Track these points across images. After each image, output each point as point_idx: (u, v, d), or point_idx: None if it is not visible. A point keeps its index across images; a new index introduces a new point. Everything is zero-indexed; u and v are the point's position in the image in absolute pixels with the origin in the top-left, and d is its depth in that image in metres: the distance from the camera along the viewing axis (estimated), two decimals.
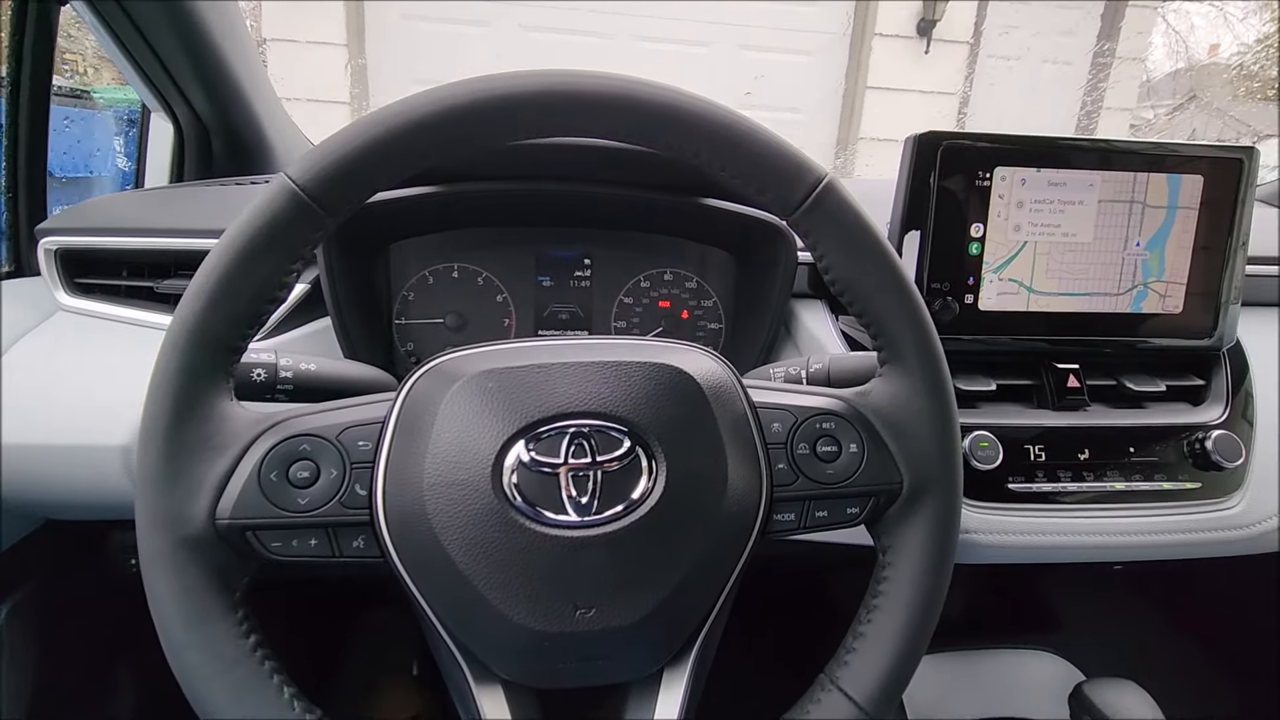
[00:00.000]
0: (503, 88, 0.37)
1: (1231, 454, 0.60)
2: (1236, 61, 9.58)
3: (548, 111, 0.38)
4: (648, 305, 0.77)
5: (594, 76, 0.38)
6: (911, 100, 4.47)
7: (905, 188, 0.60)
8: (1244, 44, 8.39)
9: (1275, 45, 8.59)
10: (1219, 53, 9.23)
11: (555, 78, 0.38)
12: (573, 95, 0.38)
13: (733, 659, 0.62)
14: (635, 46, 4.51)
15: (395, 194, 0.65)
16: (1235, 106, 8.84)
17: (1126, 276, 0.63)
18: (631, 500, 0.37)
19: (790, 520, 0.42)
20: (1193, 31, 7.51)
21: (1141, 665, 1.24)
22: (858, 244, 0.41)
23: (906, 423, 0.42)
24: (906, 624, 0.40)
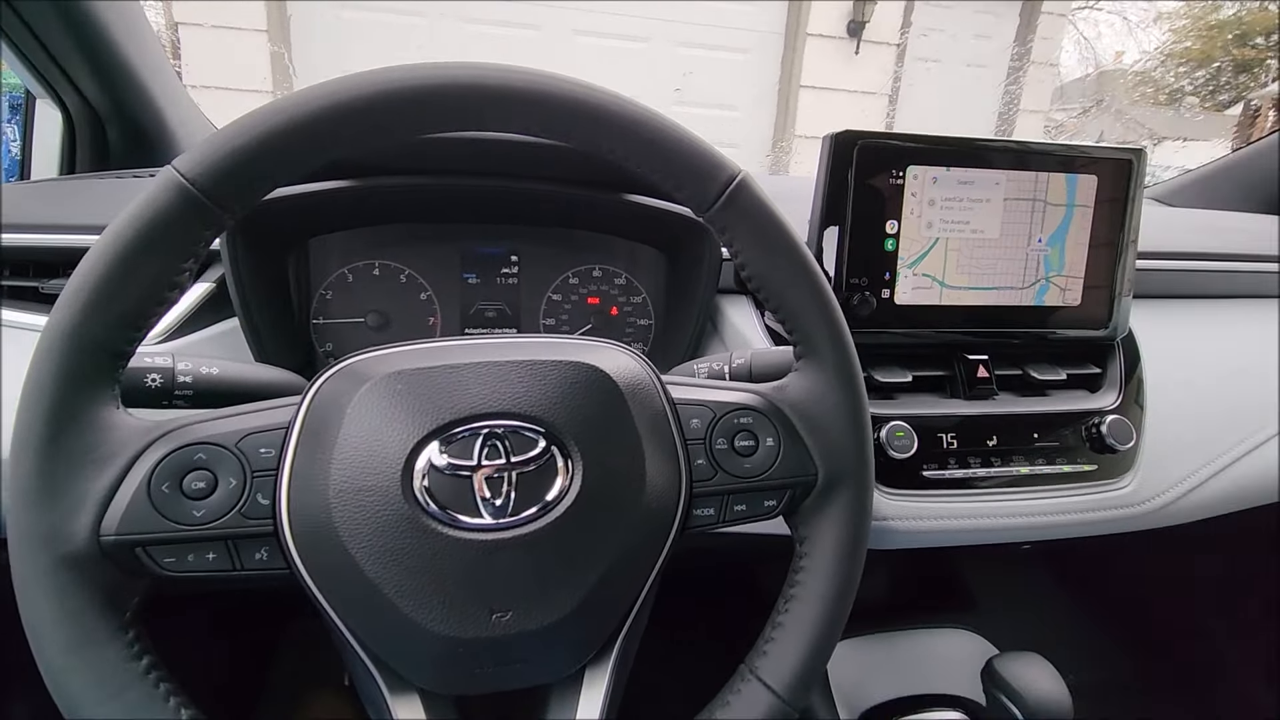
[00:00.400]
0: (412, 79, 0.36)
1: (1124, 437, 0.64)
2: (1138, 68, 10.27)
3: (458, 105, 0.37)
4: (576, 302, 0.76)
5: (507, 70, 0.38)
6: (843, 99, 4.59)
7: (824, 185, 0.62)
8: (1145, 51, 8.94)
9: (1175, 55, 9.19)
10: (1123, 59, 9.83)
11: (466, 70, 0.37)
12: (484, 89, 0.37)
13: (659, 652, 0.63)
14: (572, 41, 4.48)
15: (307, 188, 0.62)
16: (1137, 110, 9.52)
17: (1030, 271, 0.67)
18: (547, 501, 0.37)
19: (710, 515, 0.42)
20: (1100, 38, 7.96)
21: (1049, 637, 1.32)
22: (770, 240, 0.42)
23: (821, 416, 0.43)
24: (822, 613, 0.42)
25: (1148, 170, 0.68)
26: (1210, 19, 11.01)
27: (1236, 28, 10.90)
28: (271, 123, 0.34)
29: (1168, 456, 0.67)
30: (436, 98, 0.36)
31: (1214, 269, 0.81)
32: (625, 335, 0.77)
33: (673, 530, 0.41)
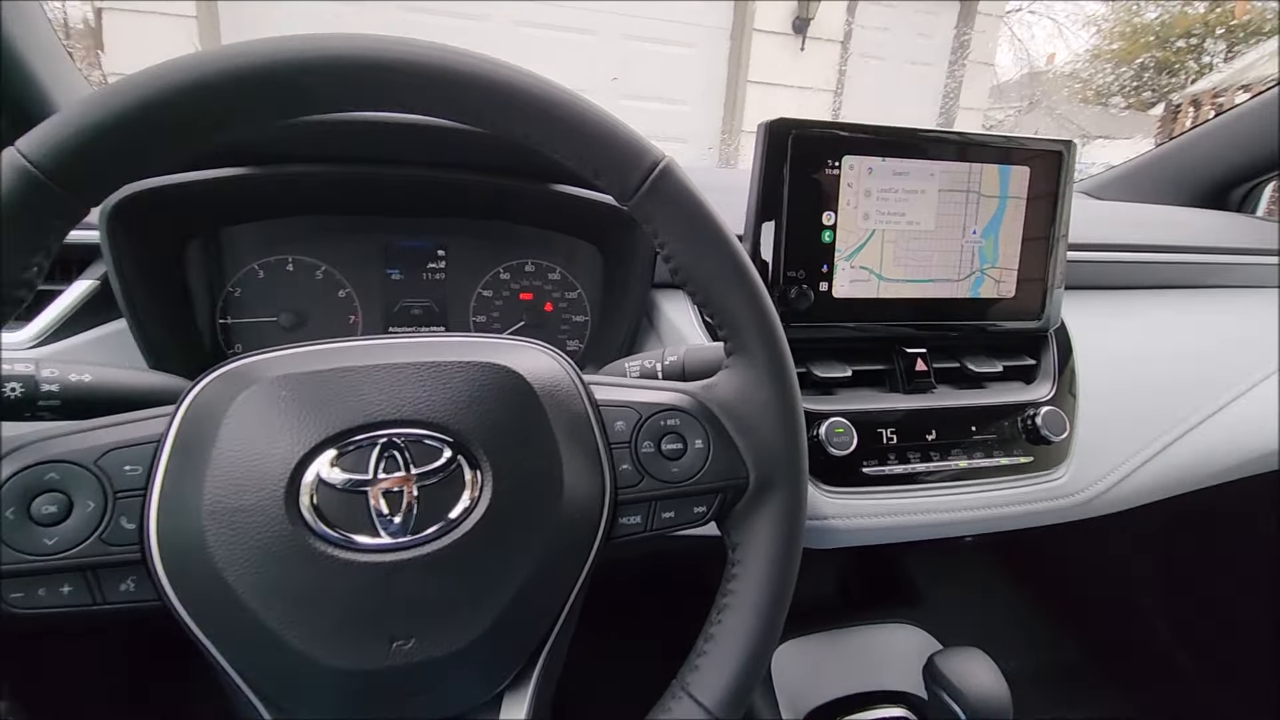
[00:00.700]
0: (300, 50, 0.32)
1: (1058, 428, 0.64)
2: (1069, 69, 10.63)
3: (351, 80, 0.33)
4: (508, 298, 0.73)
5: (408, 44, 0.34)
6: (789, 95, 4.64)
7: (759, 175, 0.60)
8: (1075, 52, 9.29)
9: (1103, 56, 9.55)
10: (1055, 60, 10.20)
11: (364, 42, 0.33)
12: (383, 64, 0.33)
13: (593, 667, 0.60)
14: (516, 32, 4.39)
15: (202, 175, 0.57)
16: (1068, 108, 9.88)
17: (965, 263, 0.66)
18: (453, 516, 0.33)
19: (636, 523, 0.40)
20: (1033, 39, 8.24)
21: (993, 626, 1.35)
22: (696, 230, 0.39)
23: (751, 416, 0.41)
24: (755, 623, 0.39)
25: (1077, 165, 0.68)
26: (1134, 22, 11.56)
27: (1158, 30, 11.47)
28: (132, 97, 0.30)
29: (1099, 447, 0.68)
30: (331, 71, 0.32)
31: (1140, 260, 0.83)
32: (561, 332, 0.74)
33: (596, 541, 0.38)
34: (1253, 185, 1.07)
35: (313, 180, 0.62)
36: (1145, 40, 11.44)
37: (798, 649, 0.74)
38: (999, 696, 0.57)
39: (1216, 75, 8.89)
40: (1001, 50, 8.32)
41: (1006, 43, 10.39)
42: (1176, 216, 1.00)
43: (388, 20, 3.96)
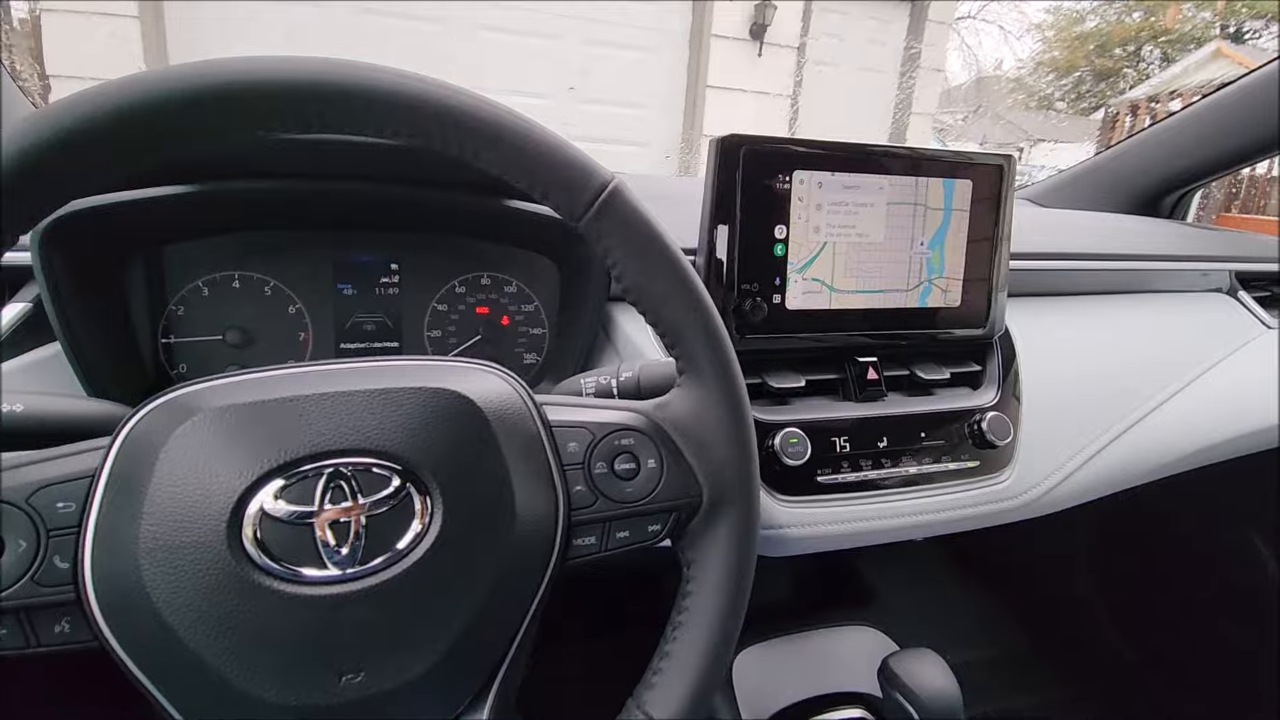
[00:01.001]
0: (245, 74, 0.31)
1: (1002, 433, 0.67)
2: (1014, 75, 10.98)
3: (295, 102, 0.33)
4: (464, 312, 0.72)
5: (356, 67, 0.34)
6: (748, 100, 4.69)
7: (712, 190, 0.61)
8: (1020, 60, 9.68)
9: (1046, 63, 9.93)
10: (1002, 67, 10.48)
11: (312, 65, 0.33)
12: (331, 88, 0.33)
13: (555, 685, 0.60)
14: (476, 36, 4.35)
15: (140, 194, 0.55)
16: (1013, 114, 10.22)
17: (914, 274, 0.68)
18: (402, 545, 0.33)
19: (591, 544, 0.40)
20: (981, 46, 8.58)
21: (946, 624, 1.39)
22: (646, 251, 0.40)
23: (703, 434, 0.41)
24: (709, 640, 0.40)
25: (1023, 170, 0.71)
26: (1075, 30, 12.05)
27: (1098, 39, 11.97)
28: (44, 127, 0.29)
29: (1042, 449, 0.71)
30: (285, 95, 0.32)
31: (1079, 268, 0.86)
32: (518, 345, 0.74)
33: (551, 563, 0.38)
34: (1182, 193, 1.12)
35: (259, 196, 0.61)
36: (1086, 49, 11.93)
37: (758, 654, 0.75)
38: (950, 695, 0.58)
39: (1152, 82, 9.33)
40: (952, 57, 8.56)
41: (956, 50, 10.73)
42: (1112, 223, 1.04)
43: (349, 23, 3.88)
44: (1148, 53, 11.06)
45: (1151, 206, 1.14)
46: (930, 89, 5.27)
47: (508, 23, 4.40)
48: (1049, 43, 12.17)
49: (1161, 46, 10.76)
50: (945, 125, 9.41)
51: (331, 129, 0.35)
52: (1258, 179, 5.30)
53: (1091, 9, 11.97)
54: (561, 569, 0.39)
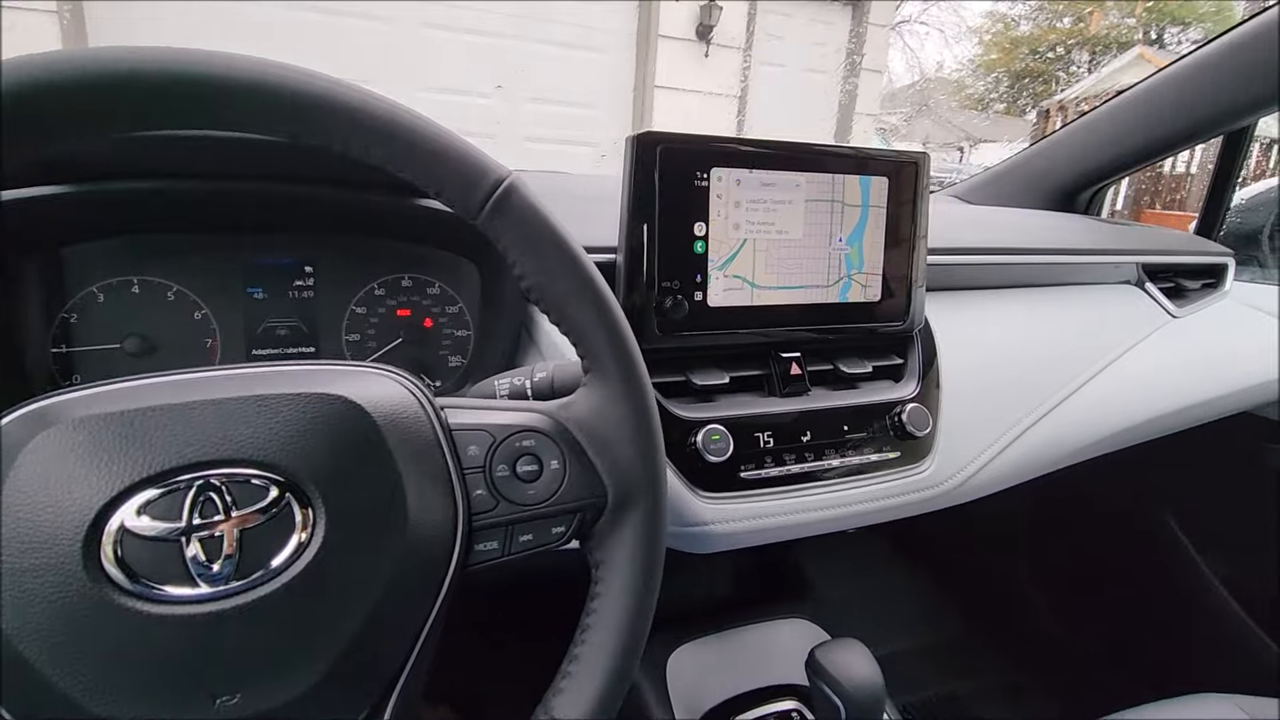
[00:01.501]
0: (126, 62, 0.30)
1: (922, 423, 0.68)
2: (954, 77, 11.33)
3: (161, 98, 0.31)
4: (384, 315, 0.70)
5: (234, 59, 0.32)
6: (695, 100, 4.73)
7: (630, 189, 0.60)
8: (961, 63, 10.03)
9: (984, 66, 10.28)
10: (943, 69, 10.87)
11: (189, 58, 0.31)
12: (206, 81, 0.31)
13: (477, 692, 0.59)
14: (421, 34, 4.27)
15: (30, 192, 0.52)
16: (955, 115, 10.53)
17: (833, 270, 0.69)
18: (281, 559, 0.32)
19: (493, 549, 0.39)
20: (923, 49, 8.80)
21: (884, 612, 1.43)
22: (545, 249, 0.39)
23: (607, 432, 0.41)
24: (618, 642, 0.40)
25: (963, 169, 0.73)
26: (1010, 34, 12.52)
27: (1031, 43, 12.46)
28: None
29: (961, 438, 0.72)
30: (153, 90, 0.30)
31: (998, 262, 0.89)
32: (442, 348, 0.72)
33: (450, 570, 0.37)
34: (1096, 189, 1.17)
35: (153, 197, 0.58)
36: (1020, 52, 12.42)
37: (691, 652, 0.75)
38: (873, 683, 0.59)
39: (1081, 84, 9.77)
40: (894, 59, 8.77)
41: (899, 51, 11.04)
42: (1031, 219, 1.08)
43: (287, 20, 3.75)
44: (1077, 56, 11.57)
45: (1068, 202, 1.18)
46: (872, 90, 5.40)
47: (456, 21, 4.34)
48: (986, 46, 12.62)
49: (1089, 51, 11.27)
50: (889, 126, 9.65)
51: (209, 126, 0.33)
52: (1177, 177, 5.60)
53: (1025, 14, 12.46)
54: (463, 575, 0.38)
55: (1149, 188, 5.53)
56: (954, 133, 10.09)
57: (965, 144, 9.13)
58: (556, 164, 3.36)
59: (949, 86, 12.55)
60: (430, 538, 0.36)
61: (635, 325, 0.61)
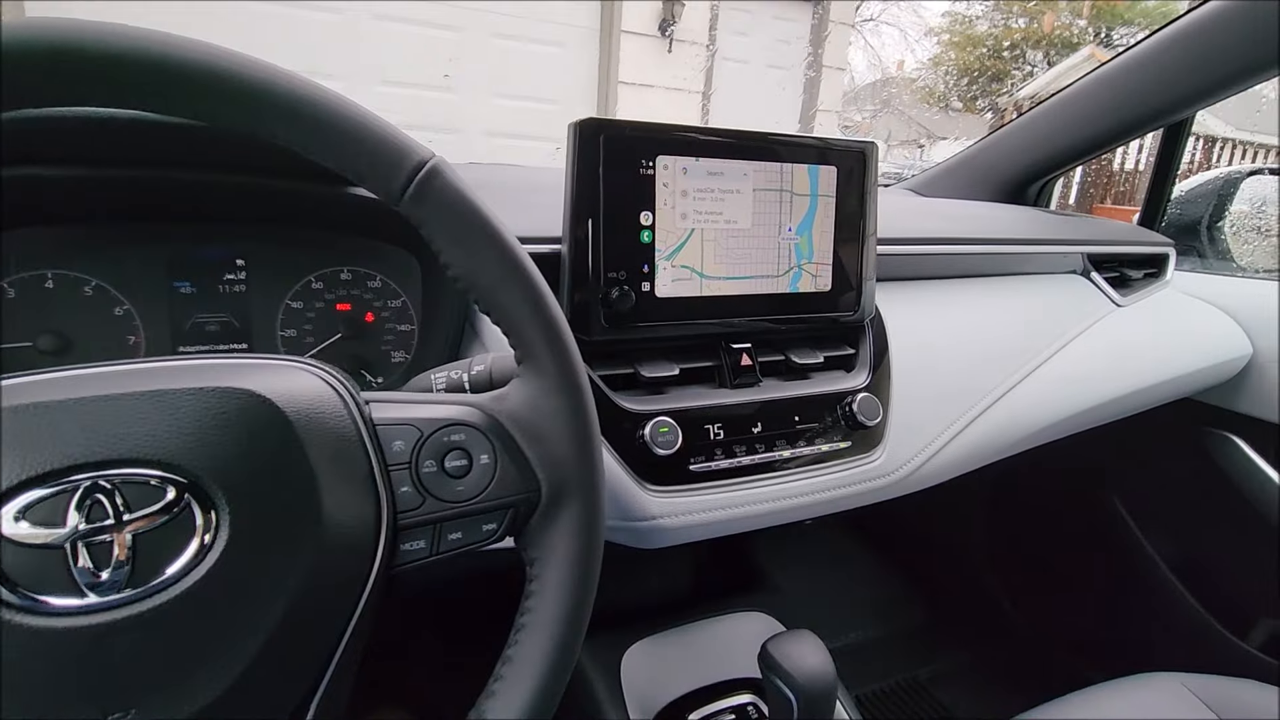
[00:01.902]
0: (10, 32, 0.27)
1: (872, 413, 0.68)
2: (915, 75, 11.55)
3: (50, 74, 0.29)
4: (322, 309, 0.67)
5: (126, 30, 0.30)
6: (659, 96, 4.72)
7: (573, 177, 0.59)
8: (921, 61, 10.21)
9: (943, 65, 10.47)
10: (904, 67, 11.09)
11: (69, 27, 0.29)
12: (96, 53, 0.29)
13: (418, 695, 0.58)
14: (374, 26, 4.18)
15: None
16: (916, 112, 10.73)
17: (783, 259, 0.68)
18: (180, 565, 0.30)
19: (421, 548, 0.38)
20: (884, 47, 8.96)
21: (844, 602, 1.44)
22: (472, 236, 0.38)
23: (541, 424, 0.40)
24: (553, 642, 0.38)
25: (920, 164, 0.73)
26: (968, 33, 12.79)
27: (988, 43, 12.74)
28: None
29: (912, 427, 0.73)
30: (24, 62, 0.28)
31: (949, 252, 0.90)
32: (385, 343, 0.70)
33: (373, 572, 0.35)
34: (1044, 181, 1.19)
35: (72, 183, 0.54)
36: (978, 51, 12.70)
37: (646, 650, 0.74)
38: (824, 674, 0.59)
39: (1036, 83, 10.04)
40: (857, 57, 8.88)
41: (861, 50, 11.20)
42: (981, 211, 1.10)
43: (224, 9, 3.63)
44: (1031, 56, 11.87)
45: (1018, 194, 1.20)
46: (835, 86, 5.46)
47: (412, 12, 4.25)
48: (945, 45, 12.88)
49: (1043, 50, 11.58)
50: (853, 122, 9.78)
51: (100, 101, 0.31)
52: (1127, 173, 5.78)
53: (982, 14, 12.73)
54: (388, 576, 0.37)
55: (1100, 184, 5.69)
56: (915, 129, 10.27)
57: (925, 141, 9.31)
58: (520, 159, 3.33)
59: (910, 85, 12.78)
60: (349, 538, 0.34)
61: (581, 317, 0.61)
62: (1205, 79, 0.94)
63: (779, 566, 0.95)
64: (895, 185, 1.36)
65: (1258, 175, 1.24)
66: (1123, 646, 1.26)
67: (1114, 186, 5.82)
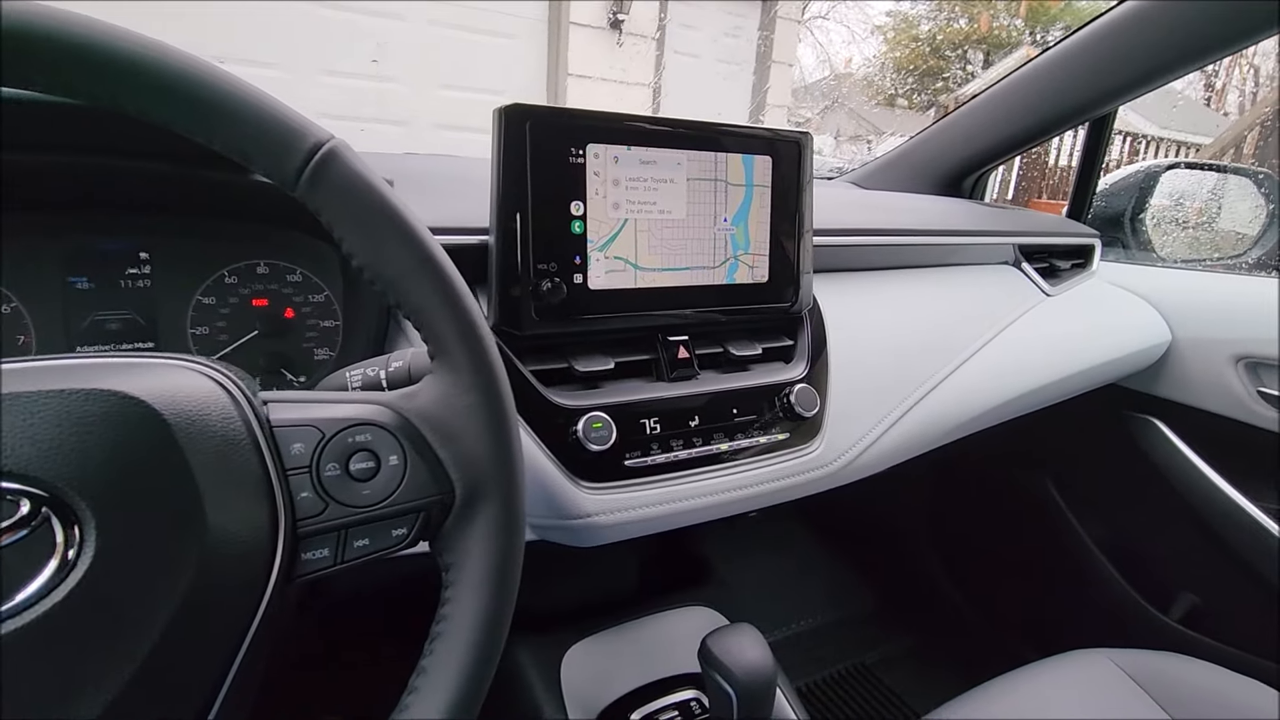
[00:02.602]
0: None
1: (810, 404, 0.68)
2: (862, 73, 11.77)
3: None
4: (237, 305, 0.64)
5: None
6: (610, 89, 4.69)
7: (499, 165, 0.57)
8: (868, 59, 10.44)
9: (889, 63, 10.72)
10: (852, 65, 11.29)
11: None
12: None
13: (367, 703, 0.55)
14: (313, 13, 4.03)
15: None
16: (864, 109, 10.94)
17: (719, 251, 0.68)
18: (37, 585, 0.27)
19: (324, 556, 0.35)
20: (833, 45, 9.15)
21: (792, 593, 1.46)
22: (375, 224, 0.35)
23: (454, 422, 0.38)
24: (469, 649, 0.36)
25: (867, 160, 0.73)
26: (913, 33, 13.11)
27: (931, 43, 13.09)
28: None
29: (849, 418, 0.73)
30: None
31: (888, 243, 0.91)
32: (307, 340, 0.67)
33: (269, 585, 0.33)
34: (979, 174, 1.22)
35: None
36: (922, 50, 13.04)
37: (587, 649, 0.73)
38: (762, 668, 0.59)
39: (975, 82, 10.37)
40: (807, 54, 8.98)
41: (810, 47, 11.38)
42: (919, 203, 1.11)
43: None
44: (973, 55, 12.26)
45: (954, 187, 1.23)
46: (784, 82, 5.52)
47: (355, 1, 4.12)
48: (891, 44, 13.19)
49: (983, 50, 11.98)
50: (803, 119, 9.92)
51: None
52: (1062, 169, 6.02)
53: (925, 14, 13.07)
54: (286, 588, 0.34)
55: (1037, 178, 5.92)
56: (864, 126, 10.49)
57: (873, 137, 9.52)
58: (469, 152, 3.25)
59: (858, 82, 13.04)
60: (240, 549, 0.32)
61: (511, 311, 0.59)
62: (1121, 76, 0.97)
63: (725, 559, 0.95)
64: (839, 178, 1.37)
65: (1175, 169, 1.29)
66: (1058, 626, 1.31)
67: (1049, 181, 6.06)
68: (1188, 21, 0.90)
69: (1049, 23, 11.99)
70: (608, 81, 4.65)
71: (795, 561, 1.47)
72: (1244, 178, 1.37)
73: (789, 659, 1.27)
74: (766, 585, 1.32)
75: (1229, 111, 11.77)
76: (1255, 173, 1.30)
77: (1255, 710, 0.77)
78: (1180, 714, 0.75)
